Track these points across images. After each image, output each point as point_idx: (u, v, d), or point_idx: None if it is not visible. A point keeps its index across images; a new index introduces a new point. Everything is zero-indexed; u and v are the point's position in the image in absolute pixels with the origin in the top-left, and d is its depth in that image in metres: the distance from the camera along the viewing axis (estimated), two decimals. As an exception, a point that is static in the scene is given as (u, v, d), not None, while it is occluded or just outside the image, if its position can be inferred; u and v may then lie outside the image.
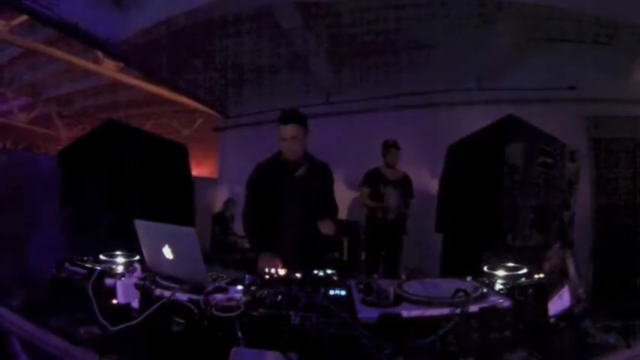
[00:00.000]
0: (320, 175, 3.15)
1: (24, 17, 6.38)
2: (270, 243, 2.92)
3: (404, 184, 5.50)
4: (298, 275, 2.00)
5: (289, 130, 2.93)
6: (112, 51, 6.05)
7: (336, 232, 2.97)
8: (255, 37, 6.44)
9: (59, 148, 4.09)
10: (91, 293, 1.93)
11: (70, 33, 5.35)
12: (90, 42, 5.73)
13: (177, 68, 6.97)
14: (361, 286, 1.89)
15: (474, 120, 3.46)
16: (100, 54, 7.73)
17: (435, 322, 1.59)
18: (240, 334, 1.56)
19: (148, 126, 11.33)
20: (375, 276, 2.00)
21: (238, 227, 7.47)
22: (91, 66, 8.21)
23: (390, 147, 5.49)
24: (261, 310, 1.67)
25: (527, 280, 1.99)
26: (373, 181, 5.45)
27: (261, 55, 7.03)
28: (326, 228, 2.92)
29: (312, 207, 3.02)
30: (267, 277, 1.98)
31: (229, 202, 7.68)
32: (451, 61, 6.54)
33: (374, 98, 7.02)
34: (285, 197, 3.02)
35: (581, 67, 6.22)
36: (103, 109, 10.75)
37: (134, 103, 10.60)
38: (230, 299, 1.76)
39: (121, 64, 8.05)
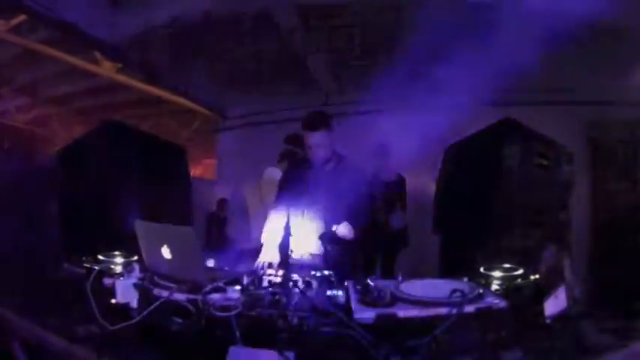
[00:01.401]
0: (349, 172, 2.92)
1: (23, 17, 6.38)
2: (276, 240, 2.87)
3: (396, 188, 5.46)
4: (296, 276, 2.01)
5: (316, 137, 2.83)
6: (110, 51, 6.05)
7: (351, 235, 2.76)
8: (254, 38, 6.44)
9: (57, 148, 4.09)
10: (89, 293, 1.93)
11: (69, 33, 5.35)
12: (89, 42, 5.73)
13: (176, 69, 6.96)
14: (358, 287, 1.90)
15: (472, 122, 3.46)
16: (98, 54, 7.72)
17: (431, 323, 1.59)
18: (237, 333, 1.57)
19: (146, 127, 11.29)
20: (373, 276, 2.01)
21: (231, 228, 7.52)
22: (90, 66, 8.20)
23: (376, 153, 5.45)
24: (258, 309, 1.68)
25: (523, 281, 2.01)
26: None
27: (260, 56, 7.04)
28: (340, 230, 2.72)
29: (335, 206, 2.82)
30: (264, 276, 1.99)
31: (223, 203, 7.65)
32: (448, 63, 6.55)
33: (372, 100, 7.01)
34: (307, 195, 2.90)
35: (579, 69, 6.24)
36: (102, 110, 10.72)
37: (132, 103, 10.58)
38: (228, 299, 1.77)
39: (120, 65, 8.04)
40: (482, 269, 2.16)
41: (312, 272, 2.02)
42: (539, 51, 6.21)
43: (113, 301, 1.92)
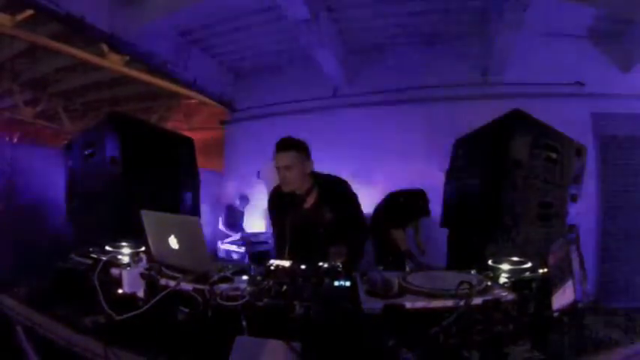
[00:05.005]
0: (336, 198, 2.85)
1: (29, 11, 6.39)
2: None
3: None
4: (303, 266, 2.00)
5: (281, 157, 2.74)
6: (117, 45, 6.04)
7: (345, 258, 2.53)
8: (261, 31, 6.44)
9: (64, 142, 4.11)
10: (96, 283, 1.94)
11: (75, 27, 5.34)
12: (95, 36, 5.72)
13: (183, 61, 6.95)
14: (366, 277, 1.89)
15: (480, 114, 3.43)
16: (105, 48, 7.73)
17: (438, 314, 1.59)
18: (244, 323, 1.57)
19: (153, 119, 11.35)
20: (380, 267, 2.00)
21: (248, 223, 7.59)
22: (97, 60, 8.23)
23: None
24: (265, 299, 1.67)
25: (531, 274, 2.00)
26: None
27: (268, 48, 7.04)
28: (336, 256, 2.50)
29: (328, 239, 2.69)
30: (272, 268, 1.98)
31: (243, 199, 7.70)
32: (457, 56, 6.54)
33: (380, 92, 7.00)
34: (295, 230, 2.71)
35: (587, 62, 6.20)
36: (109, 103, 10.78)
37: (140, 96, 10.62)
38: (235, 289, 1.77)
39: (127, 58, 8.05)
40: (490, 262, 2.15)
41: (320, 263, 2.01)
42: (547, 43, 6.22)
43: (120, 291, 1.93)
